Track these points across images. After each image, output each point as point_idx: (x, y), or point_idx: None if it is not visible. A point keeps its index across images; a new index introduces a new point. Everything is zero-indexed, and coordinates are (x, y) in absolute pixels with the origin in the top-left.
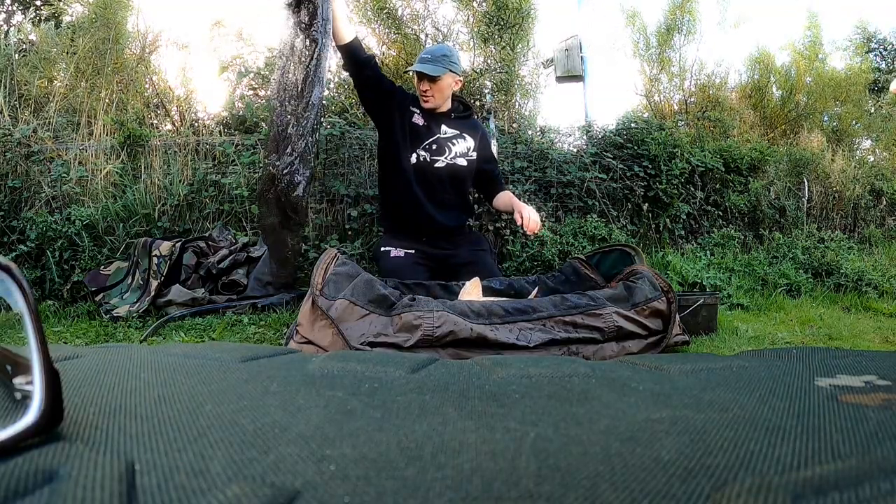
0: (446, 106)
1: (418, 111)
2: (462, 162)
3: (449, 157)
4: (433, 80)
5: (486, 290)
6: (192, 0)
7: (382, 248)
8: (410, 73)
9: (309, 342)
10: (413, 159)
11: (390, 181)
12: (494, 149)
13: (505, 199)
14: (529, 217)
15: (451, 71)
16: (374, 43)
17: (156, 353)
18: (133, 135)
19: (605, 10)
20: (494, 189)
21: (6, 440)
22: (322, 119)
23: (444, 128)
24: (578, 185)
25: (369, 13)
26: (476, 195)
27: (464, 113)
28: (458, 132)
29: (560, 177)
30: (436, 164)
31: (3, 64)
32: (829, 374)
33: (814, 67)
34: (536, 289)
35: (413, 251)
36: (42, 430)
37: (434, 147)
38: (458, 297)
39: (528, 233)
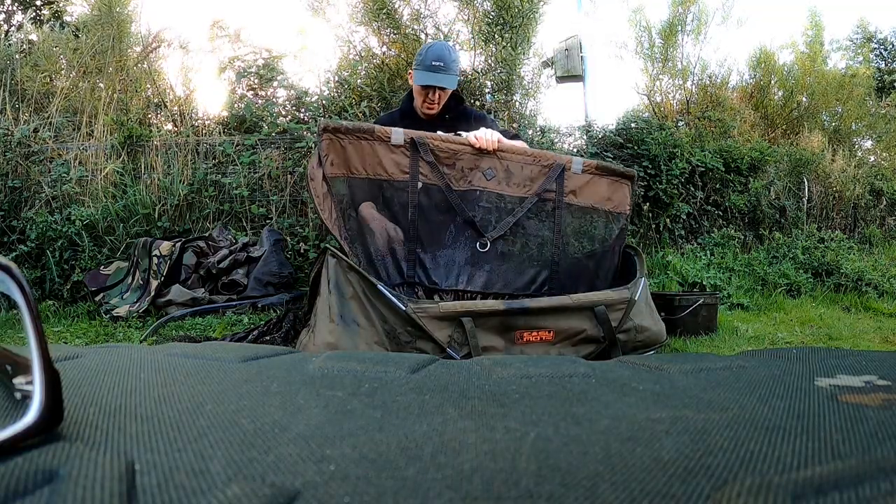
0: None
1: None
2: None
3: None
4: (446, 89)
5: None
6: (193, 0)
7: None
8: (418, 85)
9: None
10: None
11: None
12: None
13: None
14: (476, 136)
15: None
16: (374, 43)
17: (156, 353)
18: (133, 134)
19: (605, 9)
20: None
21: (6, 440)
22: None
23: (440, 134)
24: None
25: (369, 13)
26: None
27: (455, 108)
28: (452, 133)
29: None
30: None
31: (3, 64)
32: (829, 374)
33: (815, 67)
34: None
35: None
36: (42, 430)
37: None
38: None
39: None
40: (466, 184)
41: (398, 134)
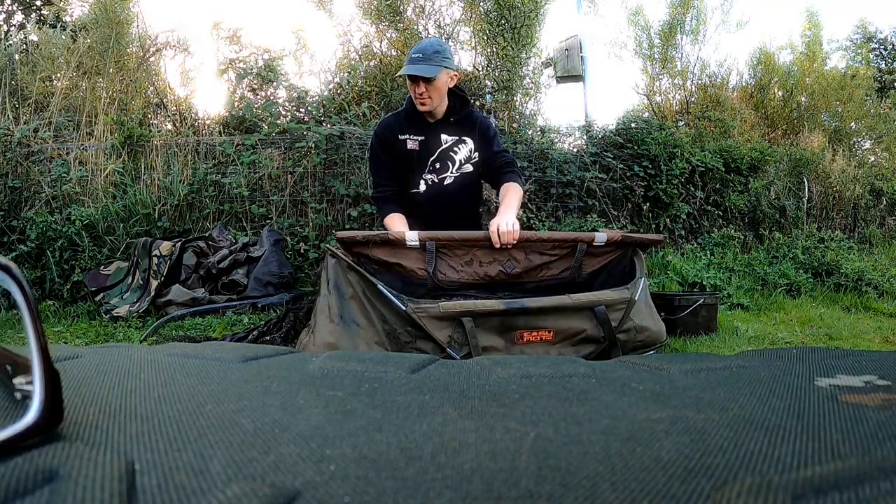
0: (443, 106)
1: (408, 135)
2: (468, 168)
3: (455, 169)
4: (429, 80)
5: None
6: (194, 1)
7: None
8: (401, 78)
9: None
10: (422, 187)
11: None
12: None
13: (502, 195)
14: (497, 228)
15: (445, 67)
16: (375, 42)
17: (156, 353)
18: (133, 135)
19: (605, 9)
20: (498, 181)
21: (6, 440)
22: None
23: (442, 137)
24: (578, 184)
25: (376, 11)
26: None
27: (461, 110)
28: (457, 137)
29: (560, 177)
30: (445, 182)
31: (3, 64)
32: (829, 374)
33: (815, 67)
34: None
35: None
36: (42, 429)
37: (438, 165)
38: None
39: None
40: (485, 277)
41: (412, 239)
